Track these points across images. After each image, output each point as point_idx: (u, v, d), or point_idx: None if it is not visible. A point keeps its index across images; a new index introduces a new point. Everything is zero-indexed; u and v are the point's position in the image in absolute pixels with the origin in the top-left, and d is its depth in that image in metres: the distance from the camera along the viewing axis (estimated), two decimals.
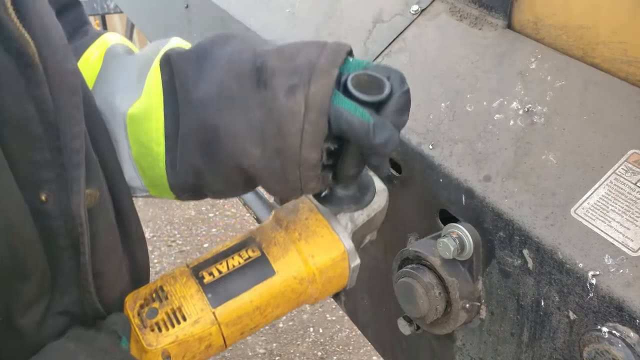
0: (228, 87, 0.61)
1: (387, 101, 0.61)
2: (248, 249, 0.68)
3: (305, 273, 0.68)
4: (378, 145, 0.59)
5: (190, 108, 0.64)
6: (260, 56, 0.62)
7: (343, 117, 0.59)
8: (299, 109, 0.58)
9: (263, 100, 0.60)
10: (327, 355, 2.26)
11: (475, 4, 0.95)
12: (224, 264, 0.66)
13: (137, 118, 0.67)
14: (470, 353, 0.87)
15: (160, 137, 0.66)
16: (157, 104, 0.66)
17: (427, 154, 0.85)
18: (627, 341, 0.62)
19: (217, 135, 0.62)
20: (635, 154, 0.71)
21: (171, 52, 0.68)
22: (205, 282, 0.65)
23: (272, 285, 0.67)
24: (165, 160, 0.67)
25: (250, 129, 0.61)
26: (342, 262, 0.71)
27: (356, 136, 0.59)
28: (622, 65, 0.77)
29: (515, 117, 0.81)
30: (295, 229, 0.70)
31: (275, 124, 0.59)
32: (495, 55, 0.89)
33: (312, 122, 0.58)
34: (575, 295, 0.67)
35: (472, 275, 0.81)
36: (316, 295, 0.71)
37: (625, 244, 0.66)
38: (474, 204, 0.78)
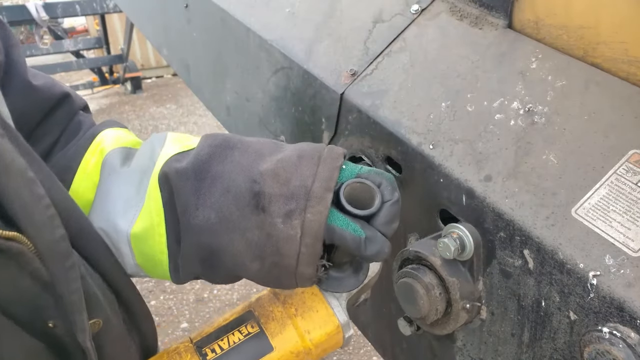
0: (227, 212, 0.65)
1: (377, 211, 0.66)
2: (247, 324, 0.72)
3: (301, 347, 0.72)
4: (369, 257, 0.66)
5: (190, 231, 0.67)
6: (257, 183, 0.65)
7: (336, 233, 0.64)
8: (296, 234, 0.63)
9: (261, 223, 0.64)
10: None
11: (475, 3, 0.95)
12: (225, 340, 0.70)
13: (140, 236, 0.71)
14: (470, 353, 0.87)
15: (164, 249, 0.70)
16: (159, 222, 0.70)
17: (428, 153, 0.85)
18: (628, 342, 0.61)
19: (217, 255, 0.67)
20: (636, 154, 0.71)
21: (169, 170, 0.70)
22: (208, 359, 0.69)
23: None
24: (168, 265, 0.71)
25: (249, 248, 0.65)
26: (336, 335, 0.75)
27: (349, 249, 0.65)
28: (623, 65, 0.77)
29: (515, 117, 0.81)
30: (292, 304, 0.74)
31: (273, 245, 0.64)
32: (496, 55, 0.88)
33: (308, 245, 0.63)
34: (576, 295, 0.67)
35: (473, 276, 0.80)
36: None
37: (626, 244, 0.65)
38: (474, 204, 0.78)
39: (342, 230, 0.64)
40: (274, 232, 0.64)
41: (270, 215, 0.64)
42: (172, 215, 0.69)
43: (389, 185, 0.68)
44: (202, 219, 0.66)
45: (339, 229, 0.64)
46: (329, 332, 0.74)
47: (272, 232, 0.64)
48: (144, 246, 0.71)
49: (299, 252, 0.64)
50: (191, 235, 0.67)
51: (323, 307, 0.74)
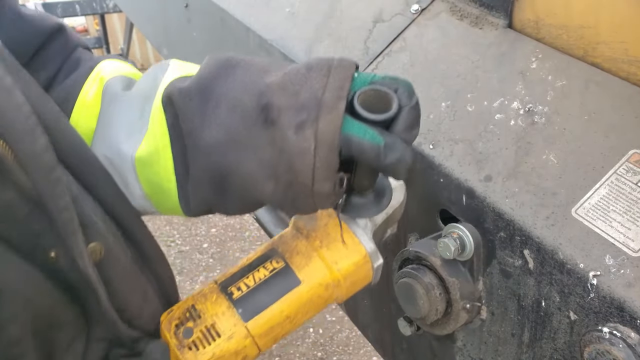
0: (235, 130, 0.61)
1: (396, 117, 0.60)
2: (272, 260, 0.69)
3: (330, 279, 0.69)
4: (390, 166, 0.60)
5: (199, 153, 0.64)
6: (264, 95, 0.62)
7: (353, 143, 0.59)
8: (309, 146, 0.58)
9: (272, 139, 0.60)
10: (327, 355, 2.26)
11: (475, 3, 0.95)
12: (250, 278, 0.68)
13: (145, 161, 0.67)
14: (470, 353, 0.87)
15: (171, 175, 0.66)
16: (164, 145, 0.66)
17: (428, 153, 0.85)
18: (628, 342, 0.61)
19: (229, 176, 0.63)
20: (636, 153, 0.71)
21: (172, 91, 0.66)
22: (234, 298, 0.67)
23: (299, 294, 0.68)
24: (177, 194, 0.68)
25: (261, 166, 0.61)
26: (364, 265, 0.71)
27: (367, 160, 0.59)
28: (623, 65, 0.77)
29: (516, 117, 0.81)
30: (316, 237, 0.71)
31: (286, 161, 0.60)
32: (496, 54, 0.88)
33: (323, 157, 0.58)
34: (576, 295, 0.67)
35: (473, 276, 0.80)
36: (342, 297, 0.72)
37: (626, 244, 0.65)
38: (474, 204, 0.78)
39: (359, 139, 0.59)
40: (286, 146, 0.59)
41: (280, 127, 0.59)
42: (178, 139, 0.66)
43: (406, 91, 0.62)
44: (210, 139, 0.62)
45: (356, 137, 0.59)
46: (357, 262, 0.70)
47: (284, 146, 0.59)
48: (150, 172, 0.67)
49: (313, 166, 0.59)
50: (200, 158, 0.64)
51: (348, 237, 0.71)
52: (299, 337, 2.30)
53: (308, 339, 2.29)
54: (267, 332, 0.67)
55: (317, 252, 0.70)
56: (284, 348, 2.28)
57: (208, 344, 0.64)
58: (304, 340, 2.29)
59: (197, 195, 0.67)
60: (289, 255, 0.70)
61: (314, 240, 0.70)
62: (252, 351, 0.67)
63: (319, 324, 2.36)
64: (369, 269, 0.72)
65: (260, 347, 0.68)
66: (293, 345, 2.29)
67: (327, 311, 2.40)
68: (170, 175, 0.67)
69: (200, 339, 0.65)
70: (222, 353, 0.65)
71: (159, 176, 0.67)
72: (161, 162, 0.67)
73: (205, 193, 0.66)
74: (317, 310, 0.71)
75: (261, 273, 0.68)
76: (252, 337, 0.66)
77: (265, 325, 0.67)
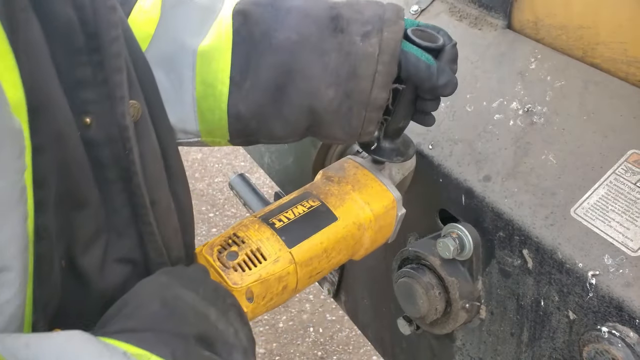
0: (307, 32, 0.67)
1: (441, 51, 0.69)
2: (308, 199, 0.73)
3: (362, 219, 0.74)
4: (441, 86, 0.67)
5: (270, 52, 0.68)
6: (334, 8, 0.69)
7: (411, 61, 0.66)
8: (374, 52, 0.65)
9: (340, 44, 0.66)
10: (327, 355, 2.26)
11: (475, 4, 0.95)
12: (289, 212, 0.71)
13: (207, 56, 0.70)
14: (470, 353, 0.87)
15: (226, 78, 0.69)
16: (226, 47, 0.69)
17: (427, 153, 0.85)
18: (627, 341, 0.62)
19: (294, 77, 0.67)
20: (635, 154, 0.71)
21: (245, 3, 0.71)
22: (277, 227, 0.69)
23: (336, 229, 0.71)
24: (227, 101, 0.70)
25: (325, 71, 0.66)
26: (392, 210, 0.77)
27: (422, 78, 0.66)
28: (622, 66, 0.77)
29: (515, 117, 0.81)
30: (347, 182, 0.76)
31: (350, 66, 0.66)
32: (495, 55, 0.89)
33: (385, 63, 0.65)
34: (575, 295, 0.67)
35: (472, 275, 0.81)
36: (367, 245, 0.76)
37: (625, 243, 0.66)
38: (473, 204, 0.78)
39: (416, 57, 0.66)
40: (353, 50, 0.65)
41: (349, 34, 0.66)
42: (241, 44, 0.69)
43: (446, 34, 0.71)
44: (283, 38, 0.67)
45: (414, 55, 0.66)
46: (386, 205, 0.76)
47: (351, 49, 0.65)
48: (207, 70, 0.69)
49: (375, 71, 0.65)
50: (269, 56, 0.67)
51: (377, 184, 0.76)
52: (299, 336, 2.30)
53: (308, 338, 2.29)
54: (307, 263, 0.69)
55: (350, 194, 0.74)
56: (284, 347, 2.29)
57: (254, 266, 0.65)
58: (304, 339, 2.29)
59: (251, 99, 0.69)
60: (323, 197, 0.74)
61: (345, 185, 0.75)
62: (292, 281, 0.68)
63: (319, 323, 2.36)
64: (394, 215, 0.77)
65: (299, 279, 0.69)
66: (293, 345, 2.30)
67: (328, 310, 2.41)
68: (225, 78, 0.69)
69: (245, 261, 0.65)
70: (268, 276, 0.65)
71: (214, 75, 0.69)
72: (220, 62, 0.69)
73: (261, 97, 0.69)
74: (347, 252, 0.74)
75: (299, 209, 0.71)
76: (296, 264, 0.68)
77: (307, 254, 0.69)
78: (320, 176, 0.79)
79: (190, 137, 0.75)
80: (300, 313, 2.40)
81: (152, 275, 0.57)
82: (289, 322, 2.39)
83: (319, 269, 0.71)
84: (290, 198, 0.74)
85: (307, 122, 0.71)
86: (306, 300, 2.46)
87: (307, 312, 2.42)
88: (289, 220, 0.70)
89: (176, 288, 0.54)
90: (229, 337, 0.53)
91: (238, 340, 0.54)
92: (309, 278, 0.71)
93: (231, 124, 0.71)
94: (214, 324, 0.53)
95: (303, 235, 0.69)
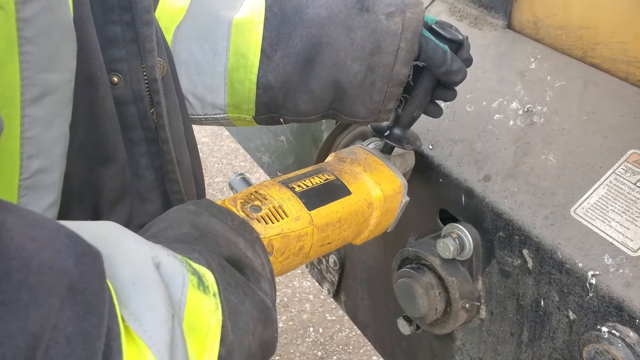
0: (336, 9, 0.72)
1: (459, 46, 0.75)
2: (324, 173, 0.76)
3: (373, 198, 0.77)
4: (454, 71, 0.72)
5: (301, 26, 0.72)
6: None
7: (430, 45, 0.72)
8: (397, 29, 0.70)
9: (366, 22, 0.71)
10: (327, 355, 2.26)
11: (475, 4, 0.95)
12: (307, 181, 0.73)
13: (241, 27, 0.73)
14: (470, 353, 0.87)
15: (257, 50, 0.73)
16: (259, 21, 0.73)
17: (427, 154, 0.85)
18: (627, 341, 0.62)
19: (323, 50, 0.72)
20: (634, 154, 0.71)
21: None
22: (297, 191, 0.71)
23: (349, 202, 0.74)
24: (257, 73, 0.73)
25: (352, 46, 0.71)
26: (398, 194, 0.80)
27: (438, 61, 0.72)
28: (622, 65, 0.77)
29: (515, 117, 0.81)
30: (359, 164, 0.79)
31: (375, 41, 0.71)
32: (495, 55, 0.89)
33: (407, 40, 0.70)
34: (575, 295, 0.67)
35: (472, 275, 0.81)
36: (371, 227, 0.78)
37: (624, 243, 0.66)
38: (473, 204, 0.78)
39: (435, 43, 0.72)
40: (378, 27, 0.71)
41: (374, 13, 0.71)
42: (273, 19, 0.73)
43: (458, 30, 0.76)
44: (313, 14, 0.72)
45: (433, 42, 0.72)
46: (395, 188, 0.79)
47: (377, 27, 0.71)
48: (242, 39, 0.73)
49: (398, 47, 0.70)
50: (300, 30, 0.72)
51: (386, 169, 0.80)
52: (299, 336, 2.30)
53: (308, 338, 2.29)
54: (323, 228, 0.70)
55: (362, 174, 0.78)
56: (284, 347, 2.28)
57: (276, 220, 0.66)
58: (304, 339, 2.29)
59: (281, 70, 0.73)
60: (337, 173, 0.77)
61: (357, 166, 0.79)
62: (308, 244, 0.70)
63: (319, 323, 2.36)
64: (399, 201, 0.80)
65: (313, 244, 0.70)
66: (293, 345, 2.30)
67: (328, 310, 2.41)
68: (257, 49, 0.73)
69: (268, 215, 0.66)
70: (289, 232, 0.67)
71: (247, 46, 0.73)
72: (253, 33, 0.73)
73: (290, 68, 0.73)
74: (355, 229, 0.76)
75: (316, 180, 0.74)
76: (314, 226, 0.69)
77: (324, 219, 0.71)
78: (333, 157, 0.82)
79: (217, 112, 0.77)
80: (300, 313, 2.40)
81: (180, 205, 0.58)
82: (289, 322, 2.39)
83: (331, 238, 0.73)
84: (306, 170, 0.77)
85: (331, 97, 0.74)
86: (306, 300, 2.46)
87: (307, 312, 2.42)
88: (307, 187, 0.73)
89: (205, 216, 0.54)
90: (257, 266, 0.53)
91: (265, 271, 0.54)
92: (321, 246, 0.72)
93: (259, 96, 0.74)
94: (244, 252, 0.53)
95: (321, 201, 0.71)
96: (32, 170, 0.45)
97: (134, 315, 0.36)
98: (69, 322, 0.31)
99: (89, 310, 0.32)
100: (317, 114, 0.76)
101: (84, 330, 0.31)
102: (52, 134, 0.46)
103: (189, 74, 0.74)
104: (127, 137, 0.58)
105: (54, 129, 0.46)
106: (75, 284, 0.32)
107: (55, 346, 0.29)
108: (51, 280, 0.30)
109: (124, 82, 0.57)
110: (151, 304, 0.37)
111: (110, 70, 0.56)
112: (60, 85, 0.46)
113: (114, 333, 0.33)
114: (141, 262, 0.39)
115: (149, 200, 0.61)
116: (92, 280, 0.33)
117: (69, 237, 0.33)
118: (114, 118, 0.56)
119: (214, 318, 0.43)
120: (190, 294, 0.41)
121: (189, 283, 0.42)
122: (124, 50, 0.57)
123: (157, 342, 0.36)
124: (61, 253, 0.32)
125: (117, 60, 0.57)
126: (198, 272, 0.44)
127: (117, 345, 0.33)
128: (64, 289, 0.31)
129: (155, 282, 0.38)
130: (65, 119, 0.48)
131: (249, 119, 0.77)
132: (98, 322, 0.32)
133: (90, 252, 0.34)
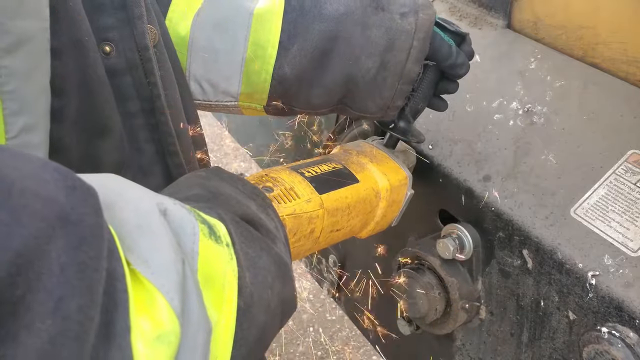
0: (353, 7, 0.74)
1: (462, 40, 0.78)
2: (332, 162, 0.77)
3: (380, 187, 0.78)
4: (459, 65, 0.75)
5: (319, 20, 0.74)
6: None
7: (437, 40, 0.75)
8: (411, 29, 0.73)
9: (381, 20, 0.74)
10: (327, 355, 2.26)
11: (475, 3, 0.95)
12: (316, 168, 0.74)
13: (262, 18, 0.74)
14: (469, 353, 0.87)
15: (276, 42, 0.74)
16: (278, 12, 0.75)
17: (427, 153, 0.85)
18: (627, 341, 0.62)
19: (338, 44, 0.73)
20: (635, 154, 0.71)
21: None
22: (307, 176, 0.72)
23: (357, 190, 0.75)
24: (274, 64, 0.74)
25: (367, 42, 0.73)
26: (404, 186, 0.81)
27: (444, 55, 0.75)
28: (622, 65, 0.77)
29: (514, 117, 0.81)
30: (365, 155, 0.80)
31: (389, 39, 0.73)
32: (495, 55, 0.88)
33: (420, 40, 0.73)
34: (575, 295, 0.67)
35: (472, 276, 0.80)
36: (377, 219, 0.79)
37: (625, 244, 0.65)
38: (473, 204, 0.78)
39: (441, 38, 0.75)
40: (393, 26, 0.73)
41: (389, 12, 0.74)
42: (291, 12, 0.75)
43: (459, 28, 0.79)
44: (332, 9, 0.74)
45: (439, 36, 0.76)
46: (401, 180, 0.80)
47: (391, 25, 0.73)
48: (262, 29, 0.74)
49: (411, 46, 0.72)
50: (317, 24, 0.74)
51: (391, 161, 0.81)
52: (299, 336, 2.30)
53: (308, 338, 2.29)
54: (333, 212, 0.71)
55: (369, 165, 0.79)
56: (284, 347, 2.29)
57: (289, 201, 0.66)
58: (304, 339, 2.29)
59: (297, 62, 0.74)
60: (344, 163, 0.78)
61: (364, 157, 0.80)
62: (319, 227, 0.70)
63: (319, 323, 2.36)
64: (404, 193, 0.81)
65: (323, 228, 0.70)
66: (293, 345, 2.30)
67: (327, 310, 2.41)
68: (275, 41, 0.74)
69: (281, 196, 0.67)
70: (301, 212, 0.67)
71: (266, 37, 0.74)
72: (272, 24, 0.74)
73: (307, 60, 0.74)
74: (362, 218, 0.77)
75: (324, 167, 0.75)
76: (325, 209, 0.69)
77: (334, 203, 0.71)
78: (339, 149, 0.83)
79: (228, 100, 0.78)
80: (300, 313, 2.40)
81: (190, 173, 0.57)
82: (289, 322, 2.39)
83: (340, 224, 0.73)
84: (314, 159, 0.77)
85: (343, 91, 0.75)
86: (306, 300, 2.46)
87: (307, 312, 2.42)
88: (317, 174, 0.73)
89: (216, 180, 0.53)
90: (272, 228, 0.52)
91: (279, 234, 0.53)
92: (330, 232, 0.73)
93: (273, 87, 0.75)
94: (256, 213, 0.51)
95: (330, 187, 0.72)
96: (18, 129, 0.44)
97: (140, 258, 0.34)
98: (62, 251, 0.29)
99: (84, 242, 0.30)
100: (327, 107, 0.78)
101: (79, 260, 0.29)
102: (32, 88, 0.45)
103: (205, 60, 0.74)
104: (125, 109, 0.58)
105: (34, 82, 0.45)
106: (67, 214, 0.30)
107: (49, 274, 0.28)
108: (37, 205, 0.28)
109: (117, 51, 0.57)
110: (158, 246, 0.36)
111: (102, 40, 0.56)
112: (35, 34, 0.45)
113: (118, 274, 0.32)
114: (146, 208, 0.38)
115: (151, 174, 0.61)
116: (86, 214, 0.31)
117: (58, 170, 0.31)
118: (106, 86, 0.55)
119: (230, 268, 0.42)
120: (202, 243, 0.40)
121: (200, 232, 0.40)
122: (113, 17, 0.57)
123: (165, 283, 0.34)
124: (49, 183, 0.30)
125: (107, 29, 0.57)
126: (208, 222, 0.42)
127: (121, 285, 0.32)
128: (53, 216, 0.29)
129: (162, 226, 0.37)
130: (44, 72, 0.47)
131: (259, 108, 0.78)
132: (95, 254, 0.30)
133: (82, 185, 0.32)
